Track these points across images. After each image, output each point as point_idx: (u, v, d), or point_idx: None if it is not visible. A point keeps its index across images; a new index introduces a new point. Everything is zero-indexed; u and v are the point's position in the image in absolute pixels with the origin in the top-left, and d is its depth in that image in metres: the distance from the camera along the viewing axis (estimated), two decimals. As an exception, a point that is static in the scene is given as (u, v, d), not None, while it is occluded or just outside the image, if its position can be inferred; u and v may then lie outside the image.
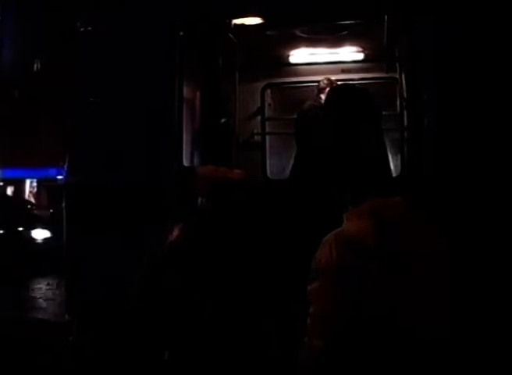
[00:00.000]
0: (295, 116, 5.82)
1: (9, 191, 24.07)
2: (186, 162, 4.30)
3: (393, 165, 4.19)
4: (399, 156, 4.15)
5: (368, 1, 3.86)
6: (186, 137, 4.33)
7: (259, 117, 6.29)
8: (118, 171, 4.04)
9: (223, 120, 4.89)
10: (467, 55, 3.56)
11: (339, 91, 3.18)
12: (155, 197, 3.90)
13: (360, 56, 5.91)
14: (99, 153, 4.10)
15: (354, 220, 2.34)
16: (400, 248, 2.25)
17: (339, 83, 5.30)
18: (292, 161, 5.65)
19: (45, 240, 13.49)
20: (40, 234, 13.68)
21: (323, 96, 5.83)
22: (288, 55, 6.05)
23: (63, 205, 4.23)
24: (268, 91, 6.40)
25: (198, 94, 4.83)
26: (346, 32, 5.29)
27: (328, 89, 5.77)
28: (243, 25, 4.48)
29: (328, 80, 5.87)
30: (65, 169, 4.25)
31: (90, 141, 4.14)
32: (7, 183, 23.87)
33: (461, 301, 2.47)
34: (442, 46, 3.60)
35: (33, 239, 13.57)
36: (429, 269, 2.28)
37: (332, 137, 2.71)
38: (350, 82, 4.89)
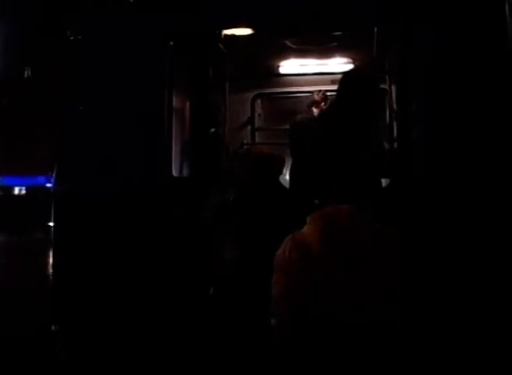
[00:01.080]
0: (287, 127, 5.84)
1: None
2: (175, 172, 4.29)
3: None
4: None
5: (359, 13, 3.88)
6: (175, 147, 4.33)
7: (249, 127, 6.31)
8: (107, 179, 4.02)
9: (213, 130, 4.88)
10: (460, 66, 3.59)
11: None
12: (143, 206, 3.89)
13: (350, 67, 5.93)
14: (88, 161, 4.08)
15: (310, 224, 2.73)
16: (347, 249, 2.60)
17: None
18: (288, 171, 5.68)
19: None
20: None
21: (315, 109, 5.88)
22: (278, 66, 6.08)
23: (52, 213, 4.20)
24: (258, 101, 6.42)
25: (188, 103, 4.83)
26: (335, 43, 5.32)
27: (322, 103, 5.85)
28: (233, 35, 4.50)
29: (323, 93, 5.91)
30: (54, 177, 4.22)
31: (79, 149, 4.11)
32: (-5, 190, 23.70)
33: (409, 297, 2.78)
34: (435, 57, 3.63)
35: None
36: (377, 268, 2.62)
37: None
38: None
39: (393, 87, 4.28)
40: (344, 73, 4.14)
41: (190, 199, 4.21)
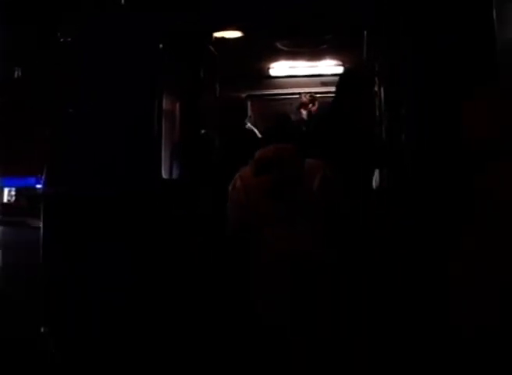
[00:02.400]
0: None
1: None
2: (165, 174, 4.29)
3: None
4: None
5: (358, 14, 3.90)
6: (166, 149, 4.33)
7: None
8: (95, 181, 4.01)
9: (203, 132, 4.90)
10: (456, 66, 3.62)
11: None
12: (131, 208, 3.88)
13: (340, 70, 5.96)
14: (78, 163, 4.07)
15: (252, 161, 3.37)
16: (274, 181, 3.21)
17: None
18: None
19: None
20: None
21: (304, 111, 5.91)
22: (268, 68, 6.11)
23: (41, 215, 4.18)
24: (248, 103, 6.44)
25: (178, 105, 4.84)
26: (325, 46, 5.35)
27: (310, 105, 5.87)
28: (223, 38, 4.51)
29: (311, 96, 5.93)
30: (44, 178, 4.21)
31: (70, 151, 4.10)
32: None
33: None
34: (434, 58, 3.66)
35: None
36: (307, 198, 3.19)
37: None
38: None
39: (383, 89, 4.29)
40: (343, 74, 4.20)
41: (181, 200, 4.21)
